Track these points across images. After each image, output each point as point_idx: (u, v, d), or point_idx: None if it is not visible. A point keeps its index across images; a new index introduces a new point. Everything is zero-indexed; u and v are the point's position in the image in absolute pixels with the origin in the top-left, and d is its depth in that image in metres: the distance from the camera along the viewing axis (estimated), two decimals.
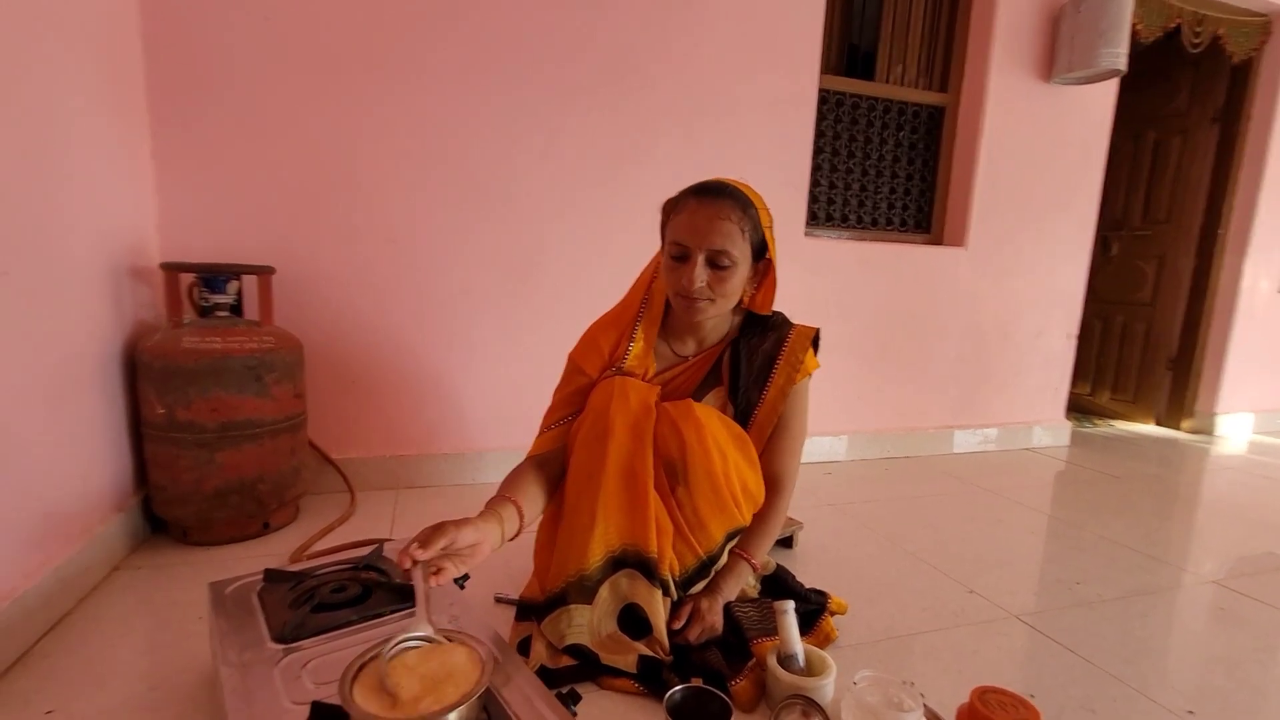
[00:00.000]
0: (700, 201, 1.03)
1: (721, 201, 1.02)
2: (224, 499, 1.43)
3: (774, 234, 1.11)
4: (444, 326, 1.89)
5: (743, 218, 1.02)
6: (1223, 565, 1.61)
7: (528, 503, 1.02)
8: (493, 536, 0.90)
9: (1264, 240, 3.02)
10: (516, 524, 0.98)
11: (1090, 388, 3.62)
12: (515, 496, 1.01)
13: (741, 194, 1.05)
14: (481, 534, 0.86)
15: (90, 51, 1.33)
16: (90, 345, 1.31)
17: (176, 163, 1.61)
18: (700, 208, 1.02)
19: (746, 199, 1.05)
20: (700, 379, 1.18)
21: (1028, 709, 0.83)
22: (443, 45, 1.77)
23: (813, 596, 1.23)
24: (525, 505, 1.01)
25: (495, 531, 0.91)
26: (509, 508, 0.98)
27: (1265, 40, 2.87)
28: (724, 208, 1.01)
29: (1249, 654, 1.21)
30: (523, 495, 1.02)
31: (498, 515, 0.94)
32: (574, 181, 1.94)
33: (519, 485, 1.04)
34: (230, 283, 1.53)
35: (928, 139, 2.52)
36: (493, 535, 0.90)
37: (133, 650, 1.07)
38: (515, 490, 1.02)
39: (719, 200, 1.02)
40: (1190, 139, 3.13)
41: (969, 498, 2.05)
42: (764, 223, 1.07)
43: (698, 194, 1.04)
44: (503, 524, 0.94)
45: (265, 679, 0.76)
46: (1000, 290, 2.55)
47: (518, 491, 1.02)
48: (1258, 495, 2.23)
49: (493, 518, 0.93)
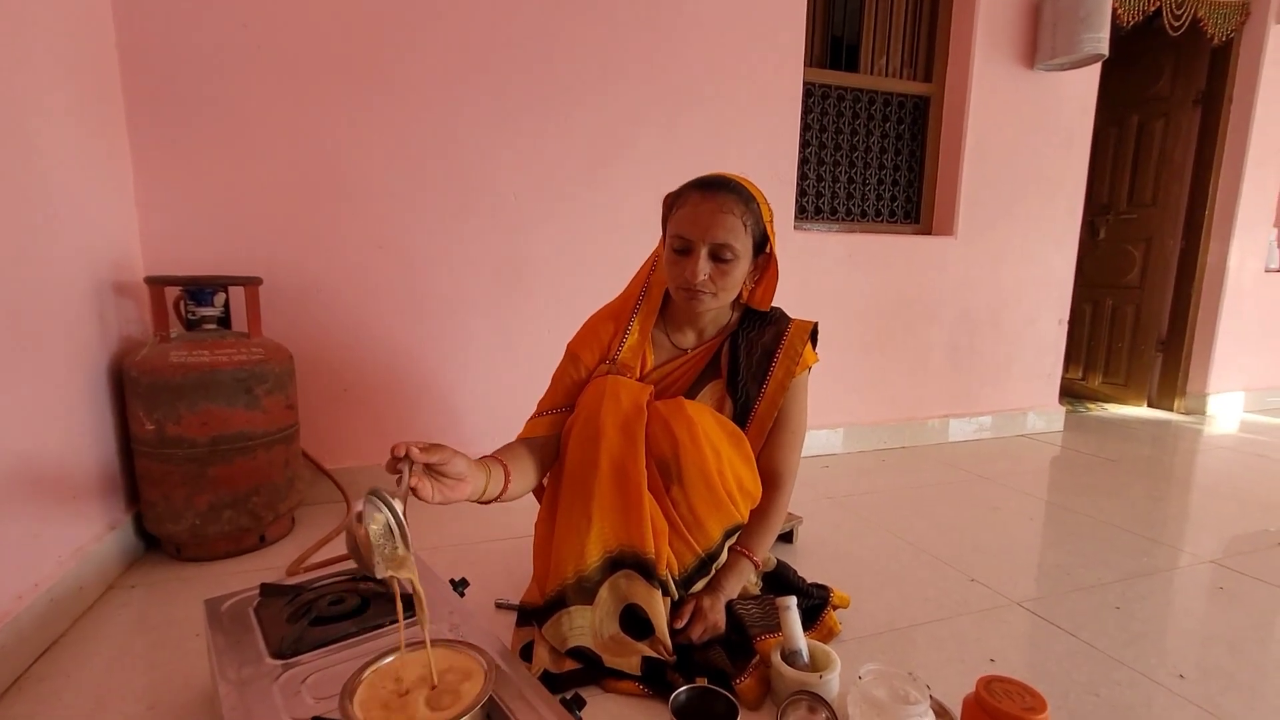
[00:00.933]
0: (703, 195, 1.04)
1: (724, 195, 1.03)
2: (217, 514, 1.41)
3: (775, 228, 1.11)
4: (436, 331, 1.88)
5: (745, 211, 1.03)
6: (1219, 544, 1.62)
7: (516, 470, 1.01)
8: (476, 482, 0.89)
9: (1249, 220, 3.05)
10: (501, 485, 0.97)
11: (1082, 372, 3.65)
12: (506, 461, 1.00)
13: (744, 188, 1.06)
14: (470, 472, 0.86)
15: (66, 63, 1.31)
16: (76, 363, 1.29)
17: (157, 174, 1.59)
18: (703, 201, 1.03)
19: (749, 193, 1.06)
20: (699, 372, 1.17)
21: (1034, 697, 0.83)
22: (424, 48, 1.75)
23: (815, 591, 1.23)
24: (513, 471, 1.00)
25: (480, 479, 0.90)
26: (498, 467, 0.97)
27: (1244, 21, 2.89)
28: (727, 201, 1.02)
29: (1248, 631, 1.22)
30: (512, 462, 1.01)
31: (485, 468, 0.93)
32: (560, 181, 1.93)
33: (509, 453, 1.04)
34: (217, 295, 1.51)
35: (914, 129, 2.52)
36: (477, 480, 0.89)
37: (129, 670, 1.05)
38: (506, 456, 1.02)
39: (721, 194, 1.03)
40: (1173, 121, 3.15)
41: (966, 486, 2.06)
42: (765, 217, 1.08)
43: (700, 188, 1.05)
44: (489, 478, 0.93)
45: (264, 695, 0.75)
46: (991, 278, 2.56)
47: (508, 457, 1.02)
48: (1251, 473, 2.24)
49: (481, 468, 0.92)
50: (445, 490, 0.82)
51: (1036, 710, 0.81)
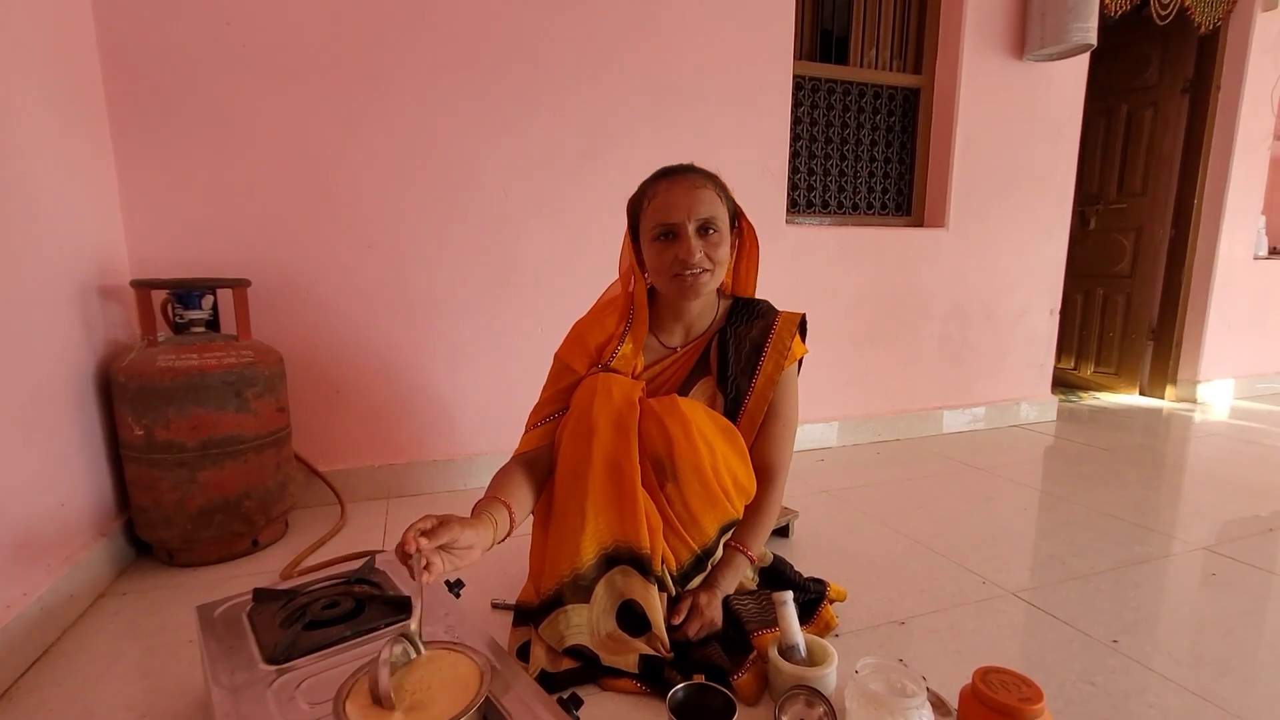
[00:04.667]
0: (671, 180, 1.08)
1: (691, 174, 1.09)
2: (209, 518, 1.40)
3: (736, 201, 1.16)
4: (428, 330, 1.87)
5: (715, 185, 1.10)
6: (1211, 531, 1.64)
7: (517, 504, 1.00)
8: (485, 540, 0.89)
9: (1237, 207, 3.07)
10: (508, 526, 0.97)
11: (1074, 362, 3.66)
12: (505, 497, 0.99)
13: (703, 169, 1.12)
14: (477, 537, 0.86)
15: (45, 62, 1.28)
16: (62, 368, 1.28)
17: (142, 175, 1.57)
18: (674, 185, 1.07)
19: (710, 172, 1.12)
20: (689, 370, 1.17)
21: (1030, 687, 0.83)
22: (411, 43, 1.73)
23: (811, 585, 1.23)
24: (515, 506, 0.99)
25: (488, 535, 0.90)
26: (500, 509, 0.96)
27: (1230, 9, 2.90)
28: (697, 179, 1.08)
29: (1240, 617, 1.23)
30: (512, 496, 1.00)
31: (491, 519, 0.93)
32: (550, 177, 1.92)
33: (508, 486, 1.03)
34: (205, 298, 1.50)
35: (904, 121, 2.52)
36: (485, 539, 0.89)
37: (122, 678, 1.04)
38: (504, 491, 1.01)
39: (689, 174, 1.09)
40: (1162, 110, 3.16)
41: (960, 477, 2.07)
42: (728, 190, 1.14)
43: (665, 176, 1.10)
44: (495, 527, 0.93)
45: (258, 701, 0.75)
46: (982, 269, 2.56)
47: (507, 492, 1.01)
48: (1241, 460, 2.26)
49: (486, 521, 0.91)
50: (458, 561, 0.82)
51: (1033, 700, 0.81)
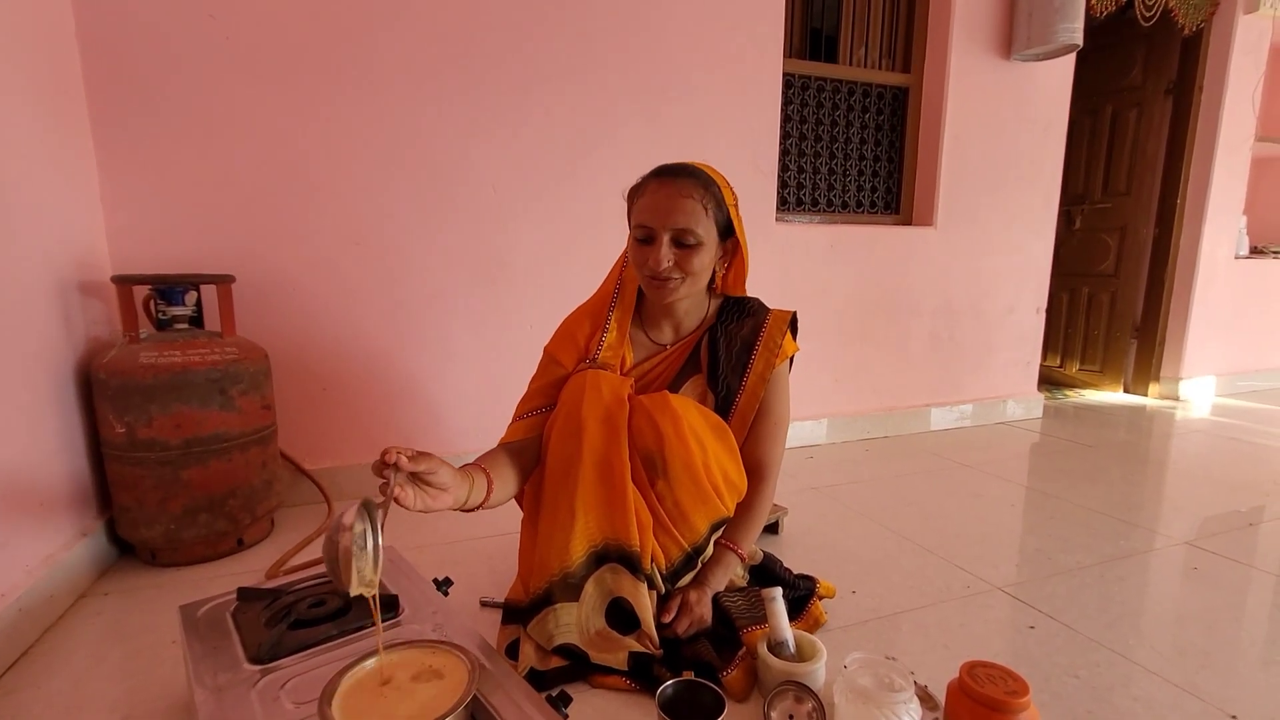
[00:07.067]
0: (661, 182, 1.05)
1: (682, 180, 1.04)
2: (193, 517, 1.38)
3: (740, 212, 1.11)
4: (415, 327, 1.85)
5: (705, 195, 1.04)
6: (1193, 526, 1.66)
7: (499, 479, 0.99)
8: (459, 492, 0.88)
9: (1219, 207, 3.11)
10: (483, 494, 0.95)
11: (1059, 359, 3.70)
12: (489, 470, 0.98)
13: (703, 172, 1.06)
14: (454, 482, 0.86)
15: (21, 53, 1.26)
16: (40, 366, 1.25)
17: (123, 169, 1.55)
18: (661, 188, 1.04)
19: (708, 177, 1.06)
20: (679, 368, 1.17)
21: (1016, 681, 0.84)
22: (398, 37, 1.72)
23: (800, 582, 1.23)
24: (496, 481, 0.98)
25: (464, 488, 0.90)
26: (481, 476, 0.96)
27: (1213, 11, 2.94)
28: (685, 186, 1.03)
29: (1222, 610, 1.24)
30: (495, 471, 0.99)
31: (469, 478, 0.92)
32: (539, 174, 1.91)
33: (494, 462, 1.02)
34: (188, 294, 1.48)
35: (893, 120, 2.53)
36: (459, 491, 0.88)
37: (104, 680, 1.02)
38: (489, 464, 1.00)
39: (680, 179, 1.04)
40: (1146, 111, 3.19)
41: (948, 474, 2.08)
42: (728, 200, 1.08)
43: (659, 175, 1.06)
44: (472, 486, 0.92)
45: (242, 702, 0.74)
46: (970, 268, 2.58)
47: (491, 466, 1.00)
48: (1223, 456, 2.29)
49: (464, 478, 0.91)
50: (428, 499, 0.82)
51: (1019, 694, 0.81)
